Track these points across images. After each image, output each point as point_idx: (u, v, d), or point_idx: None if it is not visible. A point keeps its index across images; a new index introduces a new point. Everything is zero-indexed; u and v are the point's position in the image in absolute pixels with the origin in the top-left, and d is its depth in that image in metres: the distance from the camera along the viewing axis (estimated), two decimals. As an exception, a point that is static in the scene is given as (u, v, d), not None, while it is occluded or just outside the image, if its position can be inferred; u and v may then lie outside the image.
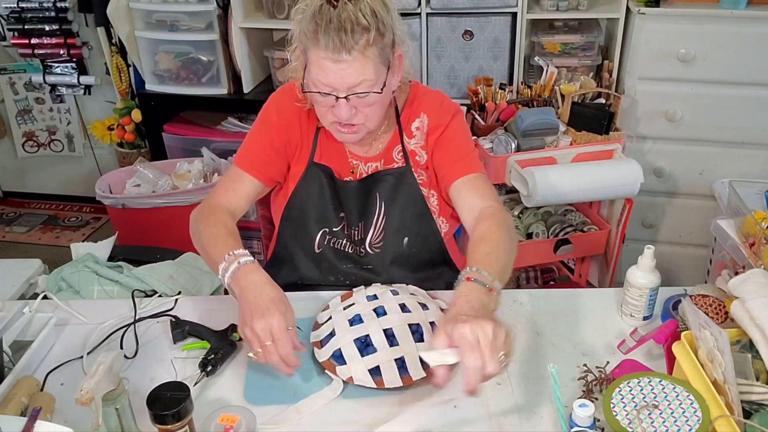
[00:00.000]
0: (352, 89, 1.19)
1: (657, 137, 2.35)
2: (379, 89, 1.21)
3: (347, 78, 1.17)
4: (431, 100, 1.39)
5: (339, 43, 1.14)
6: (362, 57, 1.16)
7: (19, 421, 0.96)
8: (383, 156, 1.40)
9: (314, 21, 1.16)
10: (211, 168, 2.42)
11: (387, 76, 1.23)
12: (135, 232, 2.25)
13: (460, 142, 1.38)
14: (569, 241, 2.16)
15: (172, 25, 2.54)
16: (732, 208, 1.68)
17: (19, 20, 2.94)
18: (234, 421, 1.02)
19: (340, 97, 1.20)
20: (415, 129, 1.39)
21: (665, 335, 1.12)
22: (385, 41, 1.19)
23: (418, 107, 1.39)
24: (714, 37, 2.16)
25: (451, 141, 1.37)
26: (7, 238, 3.29)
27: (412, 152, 1.39)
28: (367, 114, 1.24)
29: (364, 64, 1.17)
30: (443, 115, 1.38)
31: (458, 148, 1.37)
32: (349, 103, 1.20)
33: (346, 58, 1.15)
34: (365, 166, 1.40)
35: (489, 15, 2.32)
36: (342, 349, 1.15)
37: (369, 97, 1.20)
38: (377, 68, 1.19)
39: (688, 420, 0.92)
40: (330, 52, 1.15)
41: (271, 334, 1.06)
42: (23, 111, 3.31)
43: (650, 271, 1.23)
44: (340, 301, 1.29)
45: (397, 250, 1.40)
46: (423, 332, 1.18)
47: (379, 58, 1.19)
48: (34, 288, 1.63)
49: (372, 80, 1.19)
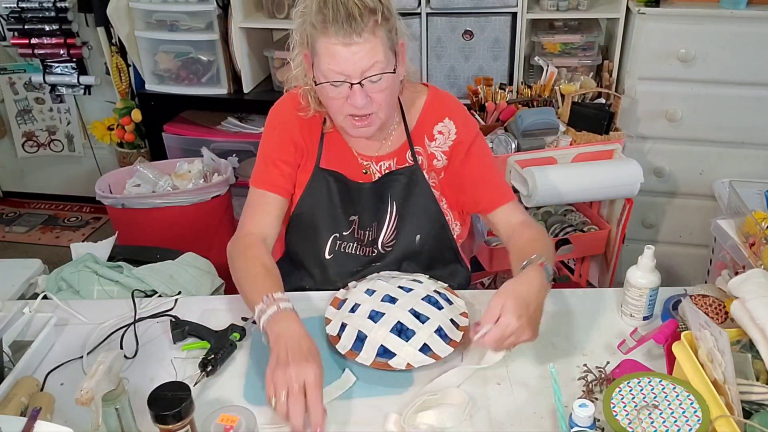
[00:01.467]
0: (365, 73, 1.20)
1: (657, 137, 2.35)
2: (391, 70, 1.22)
3: (359, 62, 1.18)
4: (456, 108, 1.42)
5: (349, 27, 1.15)
6: (373, 38, 1.18)
7: (19, 421, 0.96)
8: (396, 155, 1.40)
9: (321, 12, 1.17)
10: (211, 168, 2.42)
11: (396, 62, 1.24)
12: (135, 232, 2.25)
13: (492, 166, 1.43)
14: (569, 241, 2.16)
15: (172, 25, 2.54)
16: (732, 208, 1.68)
17: (19, 20, 2.94)
18: (234, 421, 1.02)
19: (353, 83, 1.20)
20: (438, 132, 1.39)
21: (665, 335, 1.12)
22: (390, 25, 1.21)
23: (443, 111, 1.40)
24: (714, 37, 2.16)
25: (486, 166, 1.41)
26: (7, 238, 3.29)
27: (431, 155, 1.40)
28: (380, 102, 1.24)
29: (375, 46, 1.18)
30: (470, 129, 1.40)
31: (492, 173, 1.42)
32: (363, 89, 1.21)
33: (357, 41, 1.17)
34: (377, 166, 1.40)
35: (489, 15, 2.32)
36: (384, 344, 1.16)
37: (381, 81, 1.21)
38: (386, 51, 1.21)
39: (688, 420, 0.92)
40: (341, 37, 1.16)
41: (305, 384, 1.03)
42: (23, 111, 3.31)
43: (650, 271, 1.23)
44: (336, 309, 1.28)
45: (410, 248, 1.41)
46: (436, 300, 1.23)
47: (387, 41, 1.21)
48: (34, 288, 1.63)
49: (383, 62, 1.20)
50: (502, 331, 1.06)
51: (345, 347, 1.18)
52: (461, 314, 1.25)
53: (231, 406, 1.08)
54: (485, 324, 1.07)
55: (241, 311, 1.32)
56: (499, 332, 1.06)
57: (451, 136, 1.39)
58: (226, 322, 1.26)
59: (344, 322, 1.22)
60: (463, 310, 1.26)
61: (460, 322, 1.23)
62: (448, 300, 1.27)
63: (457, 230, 1.45)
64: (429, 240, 1.41)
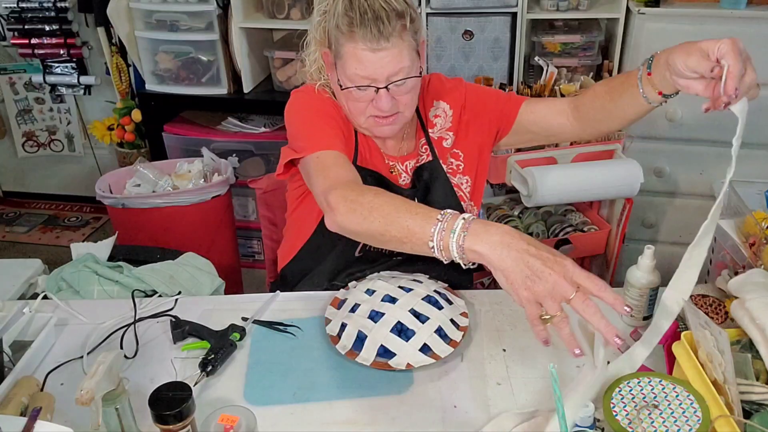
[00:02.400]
0: (391, 78, 1.19)
1: (657, 137, 2.35)
2: (417, 73, 1.22)
3: (387, 66, 1.18)
4: (437, 87, 1.42)
5: (377, 32, 1.15)
6: (400, 42, 1.18)
7: (19, 421, 0.96)
8: (415, 152, 1.40)
9: (347, 15, 1.16)
10: (211, 168, 2.42)
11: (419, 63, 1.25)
12: (135, 232, 2.25)
13: (491, 92, 1.42)
14: (569, 241, 2.16)
15: (172, 25, 2.54)
16: (732, 208, 1.68)
17: (19, 20, 2.94)
18: (234, 421, 1.02)
19: (380, 88, 1.20)
20: (434, 117, 1.40)
21: (665, 335, 1.12)
22: (416, 26, 1.21)
23: (430, 97, 1.41)
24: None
25: (483, 98, 1.40)
26: (7, 238, 3.29)
27: (438, 140, 1.40)
28: (405, 102, 1.25)
29: (402, 50, 1.18)
30: (457, 92, 1.40)
31: (496, 95, 1.41)
32: (389, 92, 1.21)
33: (385, 46, 1.16)
34: (402, 166, 1.39)
35: (489, 15, 2.32)
36: (384, 344, 1.16)
37: (406, 83, 1.21)
38: (411, 54, 1.21)
39: (688, 420, 0.92)
40: (369, 42, 1.16)
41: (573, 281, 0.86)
42: (23, 111, 3.31)
43: (650, 271, 1.23)
44: (336, 309, 1.28)
45: None
46: (436, 300, 1.23)
47: (413, 43, 1.21)
48: (34, 288, 1.63)
49: (409, 66, 1.20)
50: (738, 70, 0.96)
51: (345, 347, 1.18)
52: (461, 314, 1.25)
53: (231, 406, 1.08)
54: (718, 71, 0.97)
55: (242, 311, 1.32)
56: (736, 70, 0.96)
57: (449, 114, 1.40)
58: (227, 322, 1.26)
59: (344, 322, 1.22)
60: (463, 310, 1.26)
61: (460, 322, 1.23)
62: (448, 300, 1.27)
63: (473, 212, 1.44)
64: None
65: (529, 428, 1.04)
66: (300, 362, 1.20)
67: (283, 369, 1.18)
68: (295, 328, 1.27)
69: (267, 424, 1.07)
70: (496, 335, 1.26)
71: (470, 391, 1.12)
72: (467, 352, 1.21)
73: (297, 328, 1.27)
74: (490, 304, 1.33)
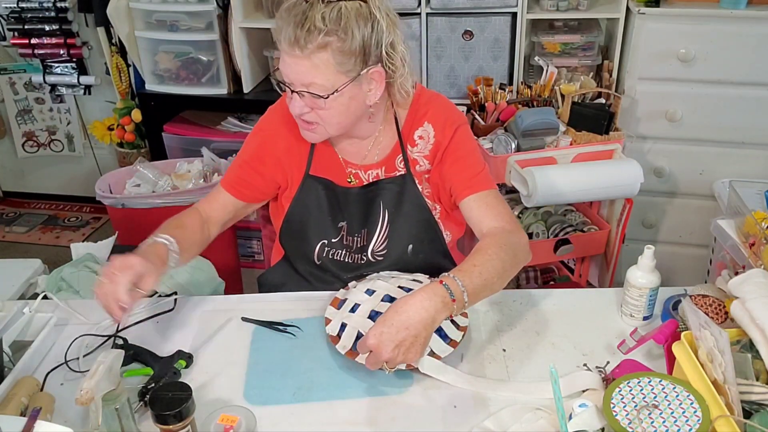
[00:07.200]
0: (300, 88, 1.20)
1: (657, 137, 2.35)
2: (325, 95, 1.18)
3: (298, 74, 1.18)
4: (436, 110, 1.36)
5: (293, 37, 1.14)
6: (316, 57, 1.15)
7: (19, 421, 0.96)
8: (384, 164, 1.38)
9: (282, 16, 1.17)
10: (211, 168, 2.42)
11: (348, 87, 1.19)
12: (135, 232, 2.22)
13: (469, 156, 1.35)
14: (569, 241, 2.16)
15: (172, 25, 2.54)
16: (732, 208, 1.68)
17: (19, 20, 2.94)
18: (234, 421, 1.03)
19: (294, 90, 1.20)
20: (418, 138, 1.36)
21: (665, 335, 1.12)
22: (346, 50, 1.16)
23: (423, 116, 1.36)
24: (714, 37, 2.16)
25: (459, 158, 1.34)
26: (7, 238, 3.29)
27: (414, 161, 1.37)
28: (321, 116, 1.23)
29: (315, 66, 1.16)
30: (447, 129, 1.34)
31: (468, 164, 1.34)
32: (303, 99, 1.21)
33: (298, 54, 1.16)
34: (365, 174, 1.39)
35: (489, 15, 2.32)
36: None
37: (319, 100, 1.20)
38: (332, 76, 1.17)
39: (688, 420, 0.92)
40: (286, 44, 1.16)
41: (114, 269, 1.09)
42: (23, 111, 3.31)
43: (650, 271, 1.23)
44: (336, 309, 1.27)
45: (402, 258, 1.40)
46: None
47: (338, 66, 1.17)
48: (34, 288, 1.63)
49: (322, 86, 1.18)
50: (376, 358, 1.05)
51: (345, 347, 1.18)
52: (461, 314, 1.24)
53: (231, 406, 1.08)
54: (361, 352, 1.10)
55: (241, 311, 1.32)
56: (374, 359, 1.06)
57: (431, 140, 1.35)
58: (227, 322, 1.26)
59: (344, 322, 1.22)
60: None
61: (460, 322, 1.23)
62: None
63: (448, 238, 1.43)
64: (421, 249, 1.40)
65: (529, 428, 1.04)
66: (300, 362, 1.20)
67: (283, 369, 1.18)
68: (295, 328, 1.28)
69: (267, 424, 1.07)
70: (496, 335, 1.26)
71: (470, 391, 1.12)
72: (467, 352, 1.21)
73: (297, 328, 1.27)
74: (490, 304, 1.33)
